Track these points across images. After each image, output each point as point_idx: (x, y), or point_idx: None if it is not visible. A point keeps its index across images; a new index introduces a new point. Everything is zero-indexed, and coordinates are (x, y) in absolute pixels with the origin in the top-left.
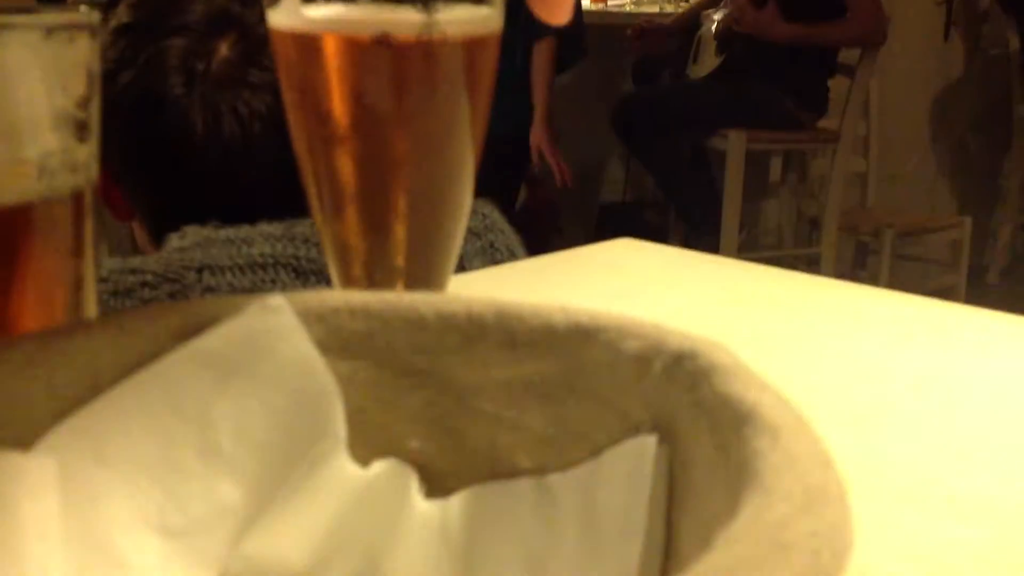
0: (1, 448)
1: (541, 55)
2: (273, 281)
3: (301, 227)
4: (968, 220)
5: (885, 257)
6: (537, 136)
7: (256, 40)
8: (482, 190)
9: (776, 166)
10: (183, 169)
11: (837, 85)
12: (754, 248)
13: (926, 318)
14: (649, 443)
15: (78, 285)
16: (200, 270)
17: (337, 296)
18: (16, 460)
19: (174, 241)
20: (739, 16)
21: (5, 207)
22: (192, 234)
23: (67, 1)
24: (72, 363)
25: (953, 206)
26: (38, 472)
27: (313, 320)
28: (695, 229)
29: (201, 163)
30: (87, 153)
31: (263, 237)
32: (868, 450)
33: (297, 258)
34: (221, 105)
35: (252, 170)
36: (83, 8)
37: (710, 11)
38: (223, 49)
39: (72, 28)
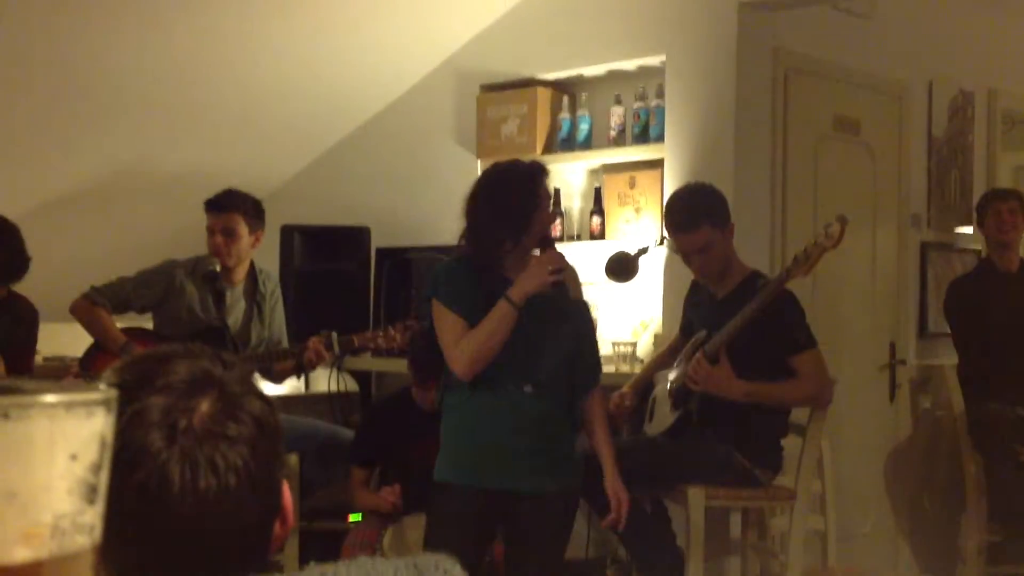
0: None
1: (596, 404)
2: None
3: None
4: None
5: None
6: (615, 485)
7: (233, 397)
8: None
9: (736, 523)
10: (156, 521)
11: (790, 444)
12: None
13: None
14: None
15: None
16: None
17: None
18: None
19: None
20: (695, 374)
21: (18, 565)
22: None
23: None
24: None
25: (915, 567)
26: None
27: None
28: None
29: (175, 515)
30: (94, 514)
31: None
32: None
33: None
34: (199, 457)
35: (223, 523)
36: (102, 386)
37: (664, 371)
38: (204, 405)
39: (91, 404)
